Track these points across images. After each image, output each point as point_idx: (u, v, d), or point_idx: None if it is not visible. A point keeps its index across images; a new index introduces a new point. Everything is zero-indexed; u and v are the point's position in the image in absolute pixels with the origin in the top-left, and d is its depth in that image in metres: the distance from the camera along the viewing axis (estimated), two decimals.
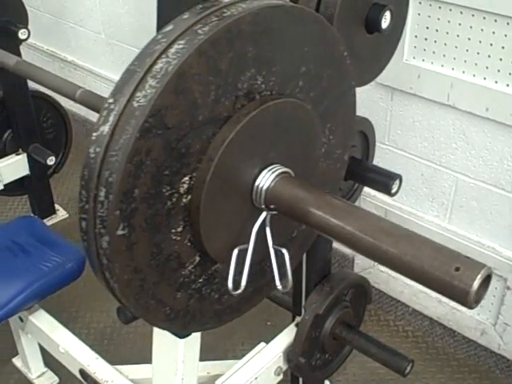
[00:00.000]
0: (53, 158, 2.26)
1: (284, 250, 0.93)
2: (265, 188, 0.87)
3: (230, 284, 0.87)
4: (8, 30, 2.01)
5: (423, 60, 1.62)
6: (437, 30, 1.56)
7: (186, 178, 0.81)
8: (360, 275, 1.60)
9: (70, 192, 2.70)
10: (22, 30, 1.99)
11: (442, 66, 1.58)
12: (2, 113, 2.26)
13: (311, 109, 0.92)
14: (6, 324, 1.79)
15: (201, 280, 0.92)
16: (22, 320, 1.69)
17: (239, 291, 0.87)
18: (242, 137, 0.82)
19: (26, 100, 2.24)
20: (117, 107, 0.74)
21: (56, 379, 1.87)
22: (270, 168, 0.88)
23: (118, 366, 1.52)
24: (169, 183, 0.79)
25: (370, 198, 1.90)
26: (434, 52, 1.59)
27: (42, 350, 1.85)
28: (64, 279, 1.65)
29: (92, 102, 1.11)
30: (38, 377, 1.87)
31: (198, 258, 0.89)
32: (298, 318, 1.61)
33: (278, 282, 0.93)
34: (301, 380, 1.74)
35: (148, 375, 1.53)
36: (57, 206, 2.55)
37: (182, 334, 1.17)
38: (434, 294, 1.93)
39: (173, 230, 0.83)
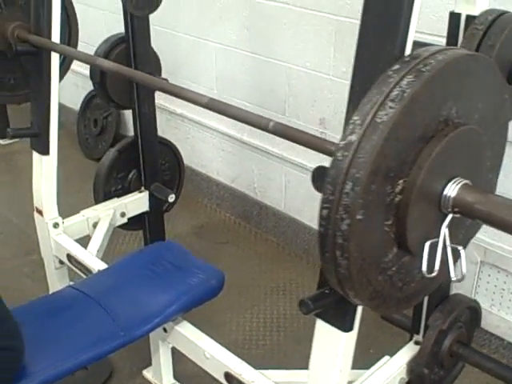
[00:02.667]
0: (173, 195, 2.53)
1: (460, 248, 1.15)
2: (453, 196, 1.10)
3: (424, 267, 1.09)
4: None
5: None
6: None
7: (401, 181, 1.05)
8: (474, 299, 1.80)
9: (175, 230, 2.95)
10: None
11: None
12: (131, 154, 2.56)
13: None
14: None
15: (394, 269, 1.14)
16: (165, 330, 1.91)
17: (434, 274, 1.09)
18: (442, 153, 1.06)
19: (155, 144, 2.54)
20: (362, 122, 0.99)
21: None
22: (454, 180, 1.11)
23: (261, 370, 1.72)
24: (390, 183, 1.03)
25: None
26: None
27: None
28: (208, 294, 1.88)
29: (283, 131, 1.37)
30: None
31: (395, 249, 1.12)
32: (416, 336, 1.80)
33: (452, 275, 1.15)
34: None
35: (288, 379, 1.73)
36: None
37: (346, 328, 1.38)
38: None
39: (385, 222, 1.07)
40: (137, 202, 2.58)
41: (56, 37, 2.07)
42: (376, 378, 1.67)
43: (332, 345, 1.42)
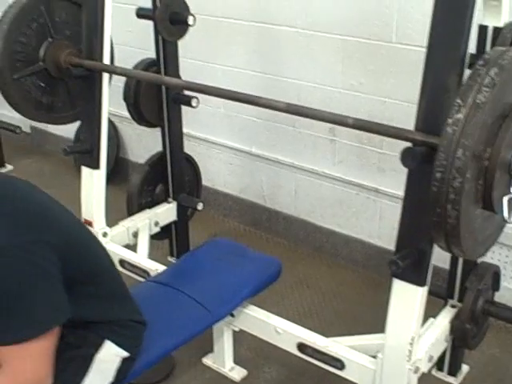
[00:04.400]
0: (201, 203, 2.77)
1: None
2: None
3: (505, 214, 1.41)
4: (182, 100, 2.59)
5: None
6: None
7: (489, 149, 1.37)
8: (497, 265, 2.14)
9: (191, 240, 3.16)
10: (196, 99, 2.55)
11: None
12: (158, 169, 2.78)
13: None
14: None
15: (478, 221, 1.46)
16: (232, 315, 2.14)
17: None
18: None
19: (182, 158, 2.78)
20: (466, 104, 1.31)
21: (245, 372, 2.30)
22: None
23: (331, 338, 1.98)
24: (484, 150, 1.35)
25: None
26: None
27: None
28: (271, 278, 2.14)
29: (362, 125, 1.67)
30: (230, 370, 2.30)
31: (480, 205, 1.44)
32: (451, 301, 2.12)
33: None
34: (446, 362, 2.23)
35: (356, 343, 1.99)
36: None
37: (422, 282, 1.68)
38: None
39: (479, 182, 1.38)
40: (167, 212, 2.81)
41: (107, 60, 2.31)
42: (429, 335, 1.96)
43: (410, 300, 1.71)
